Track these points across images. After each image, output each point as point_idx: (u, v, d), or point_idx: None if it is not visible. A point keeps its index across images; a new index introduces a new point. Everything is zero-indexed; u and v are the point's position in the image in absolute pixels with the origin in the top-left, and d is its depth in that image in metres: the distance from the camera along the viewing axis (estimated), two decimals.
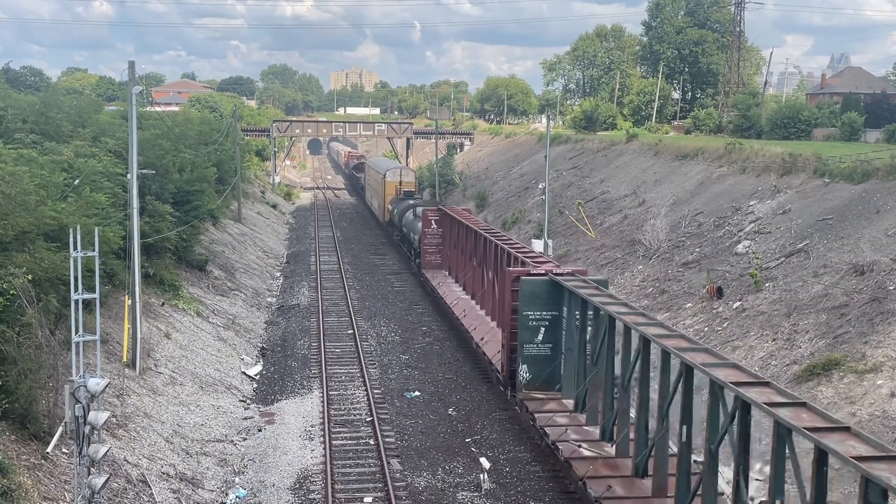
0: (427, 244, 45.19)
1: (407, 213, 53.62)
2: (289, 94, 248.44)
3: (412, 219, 50.81)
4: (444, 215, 44.63)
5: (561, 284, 24.67)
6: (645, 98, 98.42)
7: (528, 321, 25.10)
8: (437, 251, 44.91)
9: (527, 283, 25.26)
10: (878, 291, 26.70)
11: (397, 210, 57.85)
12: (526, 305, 25.05)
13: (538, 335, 25.13)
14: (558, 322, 25.09)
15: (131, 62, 26.93)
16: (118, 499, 18.61)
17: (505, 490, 21.81)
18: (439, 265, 44.69)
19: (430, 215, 45.28)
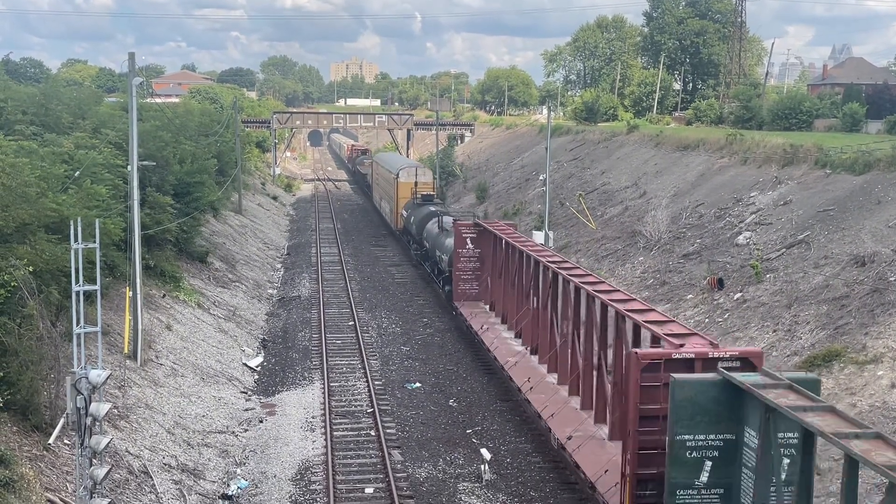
0: (461, 269, 35.56)
1: (429, 225, 44.81)
2: (289, 86, 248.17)
3: (437, 232, 42.14)
4: (483, 233, 34.88)
5: (744, 390, 14.49)
6: (646, 89, 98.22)
7: (683, 449, 15.23)
8: (475, 278, 35.52)
9: (684, 385, 15.11)
10: (879, 282, 26.69)
11: (415, 218, 48.92)
12: (682, 422, 15.14)
13: (701, 473, 15.39)
14: (734, 451, 15.17)
15: (131, 53, 26.91)
16: (120, 490, 18.67)
17: (506, 481, 21.86)
18: (477, 296, 35.34)
19: (465, 232, 35.40)
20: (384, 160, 71.04)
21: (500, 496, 21.04)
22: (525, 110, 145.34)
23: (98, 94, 55.01)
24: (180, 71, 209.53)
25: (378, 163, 72.67)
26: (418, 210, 49.36)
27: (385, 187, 64.55)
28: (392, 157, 75.27)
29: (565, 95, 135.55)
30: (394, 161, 67.60)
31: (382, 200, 67.74)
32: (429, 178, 58.24)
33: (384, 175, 65.21)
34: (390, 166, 63.19)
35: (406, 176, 56.67)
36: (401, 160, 69.79)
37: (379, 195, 70.79)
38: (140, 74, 28.01)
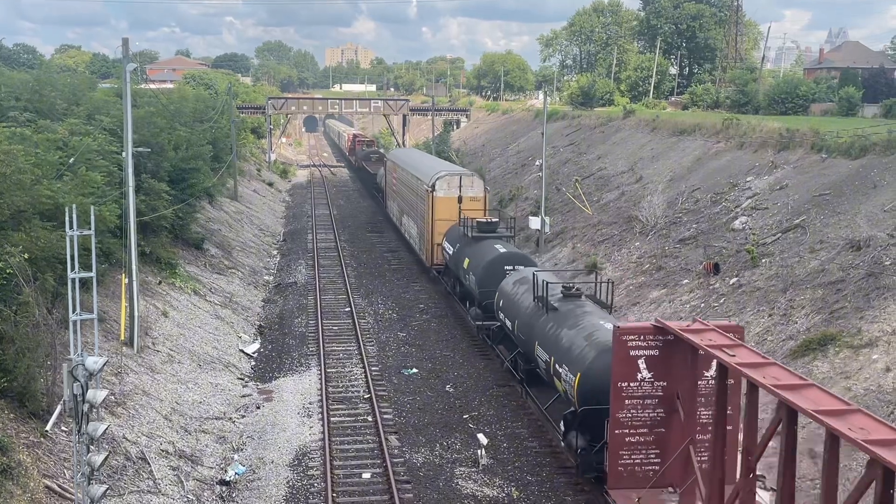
0: (627, 419, 18.31)
1: (511, 287, 27.75)
2: (284, 71, 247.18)
3: (532, 309, 24.75)
4: (673, 348, 18.10)
5: None
6: (642, 73, 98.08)
7: None
8: (653, 439, 18.37)
9: None
10: (875, 266, 26.75)
11: (473, 262, 32.44)
12: None
13: None
14: None
15: (125, 39, 26.73)
16: (118, 476, 18.71)
17: (502, 465, 21.95)
18: (654, 476, 18.23)
19: (636, 345, 18.23)
20: (407, 160, 52.05)
21: (497, 481, 21.12)
22: (521, 95, 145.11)
23: (92, 80, 54.83)
24: (175, 56, 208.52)
25: (397, 164, 53.49)
26: (476, 249, 32.82)
27: (410, 200, 47.20)
28: (418, 157, 54.00)
29: (561, 80, 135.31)
30: (422, 163, 48.31)
31: (405, 216, 49.13)
32: (479, 190, 40.28)
33: (408, 182, 47.70)
34: (418, 170, 45.50)
35: (445, 188, 40.11)
36: (433, 162, 49.72)
37: (398, 207, 52.45)
38: (134, 60, 27.85)
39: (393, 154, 61.88)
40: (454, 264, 35.62)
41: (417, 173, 44.93)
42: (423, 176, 43.05)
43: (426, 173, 42.80)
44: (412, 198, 46.14)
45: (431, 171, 42.67)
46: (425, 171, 43.84)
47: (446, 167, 44.93)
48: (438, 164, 46.99)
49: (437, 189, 40.10)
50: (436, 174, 41.02)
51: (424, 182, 41.73)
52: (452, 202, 39.62)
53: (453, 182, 40.17)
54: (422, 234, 42.71)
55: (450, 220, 39.13)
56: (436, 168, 43.55)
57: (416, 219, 44.93)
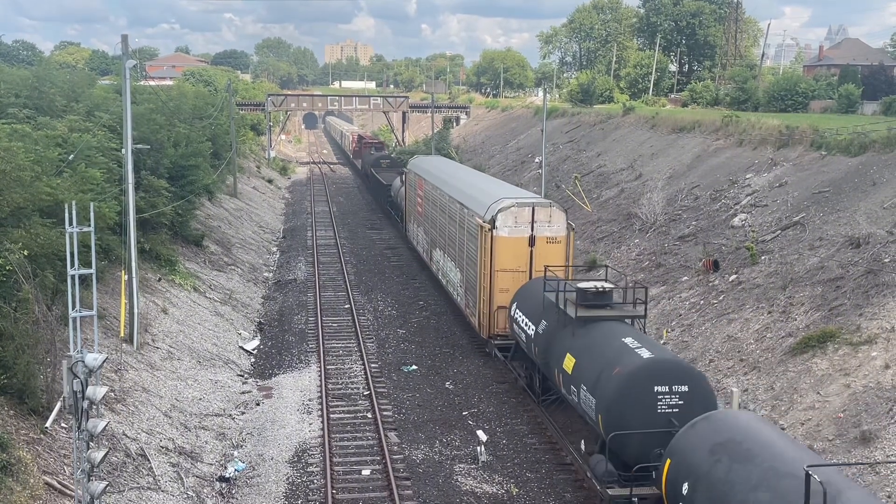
0: None
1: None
2: (283, 68, 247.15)
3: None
4: None
5: None
6: (642, 71, 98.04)
7: None
8: None
9: None
10: (874, 264, 26.76)
11: (587, 369, 19.91)
12: None
13: None
14: None
15: (124, 36, 26.70)
16: (117, 472, 18.73)
17: (502, 462, 21.98)
18: None
19: None
20: (442, 176, 39.70)
21: (497, 477, 21.15)
22: (521, 92, 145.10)
23: (91, 77, 54.75)
24: (174, 53, 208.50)
25: (426, 178, 41.66)
26: (588, 342, 20.73)
27: (448, 231, 35.43)
28: (459, 174, 40.65)
29: (561, 77, 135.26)
30: (469, 183, 35.91)
31: (437, 250, 38.13)
32: (560, 227, 28.88)
33: (446, 206, 35.93)
34: (464, 194, 33.63)
35: (511, 224, 28.44)
36: (486, 183, 36.44)
37: (427, 236, 41.00)
38: (134, 57, 27.83)
39: (418, 164, 46.70)
40: (540, 352, 23.15)
41: (463, 198, 32.95)
42: (473, 203, 31.43)
43: (479, 200, 31.00)
44: (452, 229, 34.49)
45: (487, 197, 30.82)
46: (477, 196, 32.05)
47: (510, 192, 32.18)
48: (496, 188, 34.00)
49: (500, 225, 28.22)
50: (496, 203, 29.13)
51: (477, 213, 30.09)
52: (521, 245, 28.31)
53: (523, 216, 28.38)
54: (470, 284, 30.95)
55: (517, 270, 28.25)
56: (494, 193, 31.30)
57: (457, 259, 33.42)
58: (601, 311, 21.73)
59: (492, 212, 28.86)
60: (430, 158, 50.73)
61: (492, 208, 29.11)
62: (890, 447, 18.99)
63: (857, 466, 18.91)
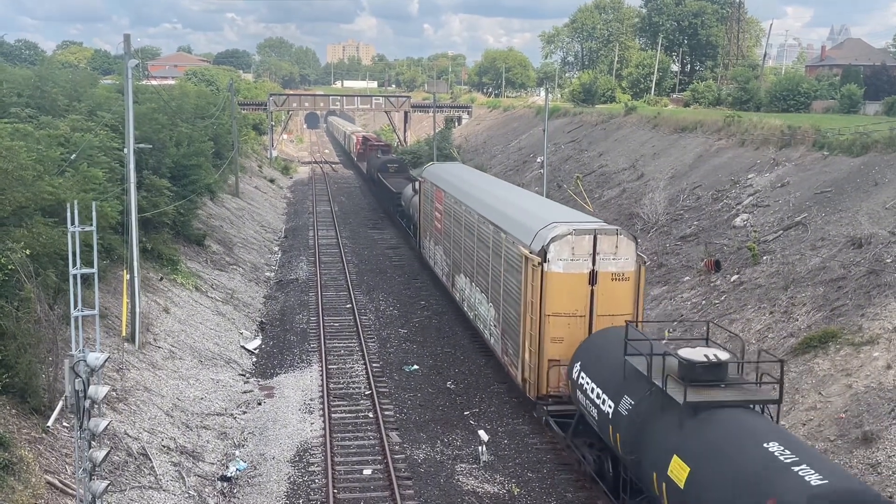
0: None
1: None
2: (285, 68, 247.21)
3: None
4: None
5: None
6: (644, 71, 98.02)
7: None
8: None
9: None
10: (876, 264, 26.74)
11: (708, 487, 13.46)
12: None
13: None
14: None
15: (127, 35, 26.71)
16: (119, 472, 18.75)
17: (503, 462, 21.98)
18: None
19: None
20: (467, 188, 33.52)
21: (498, 477, 21.15)
22: (522, 92, 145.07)
23: (93, 77, 54.77)
24: (176, 53, 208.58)
25: (446, 190, 35.35)
26: (701, 441, 14.46)
27: (478, 256, 29.39)
28: (487, 186, 34.04)
29: (563, 77, 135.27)
30: (504, 200, 29.54)
31: (462, 277, 32.09)
32: (628, 260, 22.83)
33: (474, 226, 29.93)
34: (499, 215, 27.52)
35: (567, 255, 22.56)
36: (528, 201, 29.90)
37: (447, 258, 35.20)
38: (136, 56, 27.86)
39: (436, 173, 39.79)
40: (624, 442, 16.92)
41: (500, 220, 26.77)
42: (513, 227, 25.25)
43: (522, 224, 24.84)
44: (482, 254, 28.46)
45: (533, 220, 24.58)
46: (519, 218, 25.80)
47: (560, 214, 25.48)
48: (541, 208, 27.24)
49: (553, 258, 22.12)
50: (547, 229, 22.81)
51: (519, 240, 23.99)
52: (579, 283, 22.26)
53: (581, 246, 22.22)
54: (510, 327, 24.84)
55: (573, 314, 22.27)
56: (541, 215, 24.95)
57: (491, 292, 27.30)
58: (718, 393, 15.28)
59: (541, 240, 22.45)
60: (449, 166, 43.24)
61: (541, 235, 22.70)
62: (891, 448, 18.98)
63: (858, 467, 18.89)
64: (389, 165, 66.15)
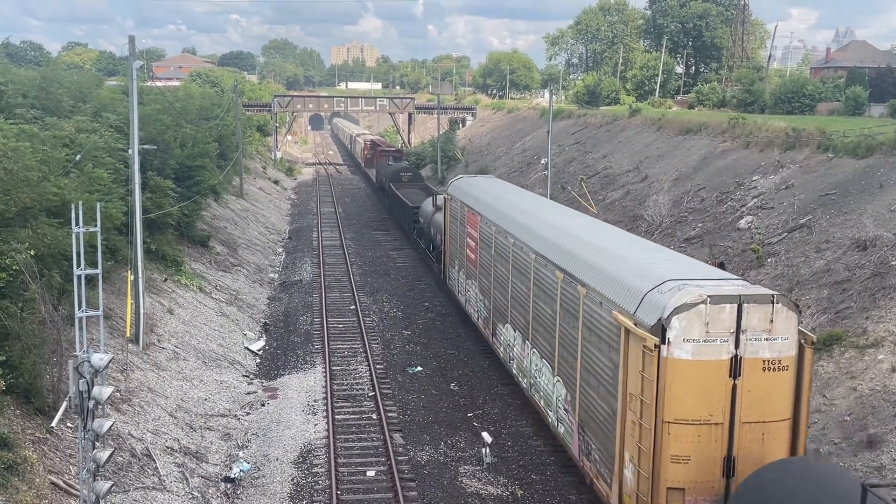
0: None
1: None
2: (290, 69, 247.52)
3: None
4: None
5: None
6: (648, 73, 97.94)
7: None
8: None
9: None
10: (881, 266, 26.68)
11: None
12: None
13: None
14: None
15: (131, 36, 26.81)
16: (123, 472, 18.76)
17: (507, 464, 21.95)
18: None
19: None
20: (514, 214, 26.79)
21: (502, 479, 21.13)
22: (527, 94, 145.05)
23: (98, 78, 54.97)
24: (181, 54, 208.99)
25: (486, 215, 28.82)
26: None
27: (541, 313, 22.41)
28: (546, 214, 25.88)
29: (567, 79, 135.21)
30: (578, 238, 21.45)
31: (506, 328, 26.31)
32: (788, 342, 15.39)
33: (536, 272, 22.80)
34: (574, 261, 20.08)
35: (698, 332, 15.08)
36: (612, 239, 21.63)
37: (491, 301, 28.17)
38: (140, 58, 27.93)
39: (466, 190, 32.85)
40: None
41: (576, 267, 19.72)
42: (602, 282, 18.13)
43: (619, 278, 17.65)
44: (544, 308, 21.84)
45: (637, 274, 17.41)
46: (610, 267, 18.38)
47: (675, 266, 18.11)
48: (641, 253, 19.67)
49: (676, 337, 15.24)
50: (664, 293, 15.90)
51: (615, 302, 17.12)
52: (716, 375, 15.44)
53: (720, 320, 15.34)
54: (597, 423, 18.23)
55: (707, 421, 15.44)
56: (648, 267, 17.66)
57: (560, 362, 20.67)
58: None
59: (656, 308, 15.39)
60: (482, 182, 34.91)
61: (654, 301, 15.61)
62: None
63: (863, 469, 18.85)
64: (403, 174, 59.86)
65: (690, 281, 16.23)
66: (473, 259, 30.93)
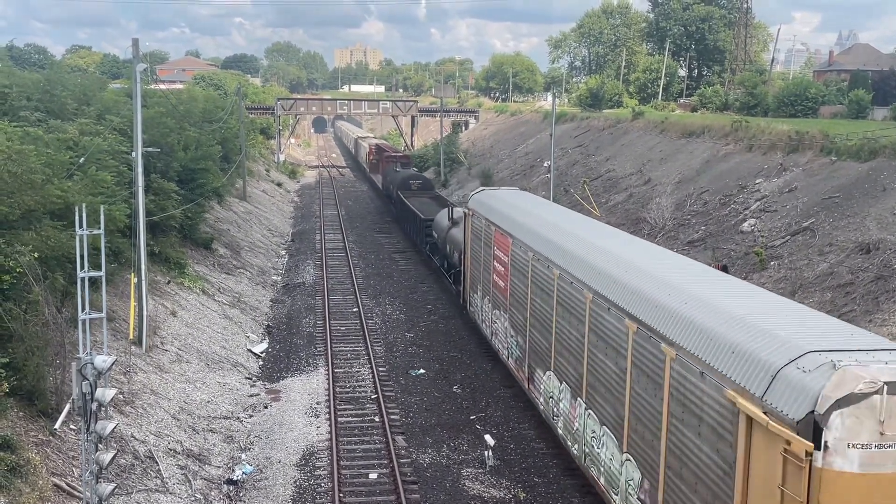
0: None
1: None
2: (293, 72, 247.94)
3: None
4: None
5: None
6: (651, 76, 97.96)
7: None
8: None
9: None
10: (884, 270, 26.66)
11: None
12: None
13: None
14: None
15: (135, 39, 26.82)
16: (126, 475, 18.79)
17: (509, 466, 21.95)
18: None
19: None
20: (559, 240, 21.83)
21: (504, 482, 21.12)
22: (529, 97, 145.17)
23: (102, 81, 55.06)
24: (184, 57, 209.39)
25: (520, 238, 24.48)
26: None
27: (604, 375, 17.26)
28: (599, 238, 21.21)
29: (570, 82, 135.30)
30: (664, 284, 15.75)
31: (549, 376, 21.54)
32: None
33: (601, 324, 17.37)
34: (671, 321, 14.34)
35: (868, 435, 10.35)
36: (715, 287, 15.53)
37: (526, 338, 23.80)
38: (144, 60, 27.97)
39: (492, 205, 28.80)
40: None
41: (664, 323, 14.66)
42: (707, 347, 13.15)
43: (733, 343, 12.67)
44: (609, 367, 17.13)
45: (760, 338, 12.38)
46: (716, 326, 13.38)
47: (827, 328, 13.13)
48: (756, 305, 14.28)
49: (838, 441, 10.41)
50: (812, 372, 11.02)
51: (732, 379, 12.20)
52: (891, 492, 10.41)
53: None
54: None
55: None
56: (783, 330, 12.52)
57: (633, 444, 15.87)
58: None
59: (803, 395, 10.94)
60: (509, 196, 30.18)
61: (798, 383, 11.14)
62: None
63: None
64: (412, 182, 56.56)
65: (843, 353, 11.35)
66: (503, 287, 26.46)
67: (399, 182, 57.75)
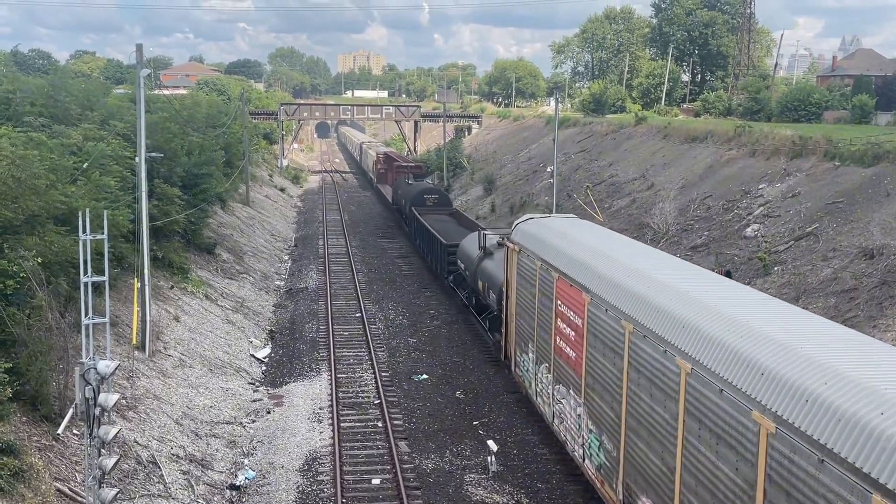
0: None
1: None
2: (296, 77, 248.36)
3: None
4: None
5: None
6: (654, 81, 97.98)
7: None
8: None
9: None
10: (888, 275, 26.60)
11: None
12: None
13: None
14: None
15: (139, 45, 26.86)
16: (128, 480, 18.77)
17: (512, 472, 21.90)
18: None
19: None
20: (683, 312, 14.11)
21: (507, 487, 21.08)
22: (532, 102, 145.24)
23: (106, 86, 55.18)
24: (188, 62, 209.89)
25: (611, 301, 16.86)
26: None
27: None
28: (744, 312, 13.54)
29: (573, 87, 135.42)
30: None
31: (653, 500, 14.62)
32: None
33: (779, 466, 10.91)
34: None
35: None
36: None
37: (606, 440, 17.27)
38: (148, 66, 28.05)
39: (541, 236, 23.35)
40: None
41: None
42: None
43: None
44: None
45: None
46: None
47: None
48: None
49: None
50: None
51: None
52: None
53: None
54: None
55: None
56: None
57: None
58: None
59: None
60: (571, 229, 23.38)
61: None
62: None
63: None
64: (427, 198, 50.14)
65: None
66: (574, 360, 19.52)
67: (413, 197, 51.45)
